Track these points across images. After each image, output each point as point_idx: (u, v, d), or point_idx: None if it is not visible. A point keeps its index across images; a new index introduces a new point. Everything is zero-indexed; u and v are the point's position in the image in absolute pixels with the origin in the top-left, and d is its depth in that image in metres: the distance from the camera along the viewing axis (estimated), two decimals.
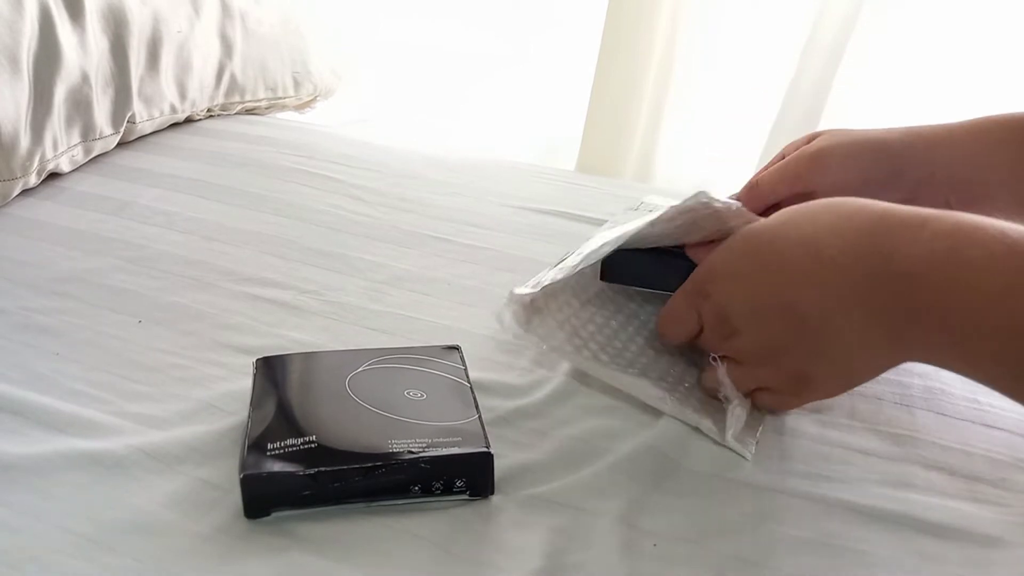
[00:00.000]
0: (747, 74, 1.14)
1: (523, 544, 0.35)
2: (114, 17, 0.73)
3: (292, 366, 0.42)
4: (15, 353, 0.46)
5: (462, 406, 0.39)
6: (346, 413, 0.38)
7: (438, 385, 0.41)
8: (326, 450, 0.36)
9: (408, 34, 1.52)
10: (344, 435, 0.37)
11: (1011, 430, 0.46)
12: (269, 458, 0.35)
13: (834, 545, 0.36)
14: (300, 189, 0.71)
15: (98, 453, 0.38)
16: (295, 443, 0.36)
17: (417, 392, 0.40)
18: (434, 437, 0.36)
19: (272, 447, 0.36)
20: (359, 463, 0.35)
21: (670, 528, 0.37)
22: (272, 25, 0.97)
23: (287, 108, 1.05)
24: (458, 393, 0.40)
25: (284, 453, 0.35)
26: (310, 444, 0.36)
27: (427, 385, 0.40)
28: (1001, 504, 0.40)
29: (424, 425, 0.37)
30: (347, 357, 0.43)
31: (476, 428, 0.38)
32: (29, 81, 0.63)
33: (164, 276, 0.55)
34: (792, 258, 0.39)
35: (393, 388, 0.40)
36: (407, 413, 0.38)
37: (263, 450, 0.35)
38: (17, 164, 0.62)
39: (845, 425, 0.45)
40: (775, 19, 1.10)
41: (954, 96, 1.09)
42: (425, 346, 0.44)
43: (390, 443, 0.36)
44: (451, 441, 0.36)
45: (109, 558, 0.33)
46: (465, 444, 0.36)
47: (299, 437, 0.36)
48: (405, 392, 0.40)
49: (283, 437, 0.36)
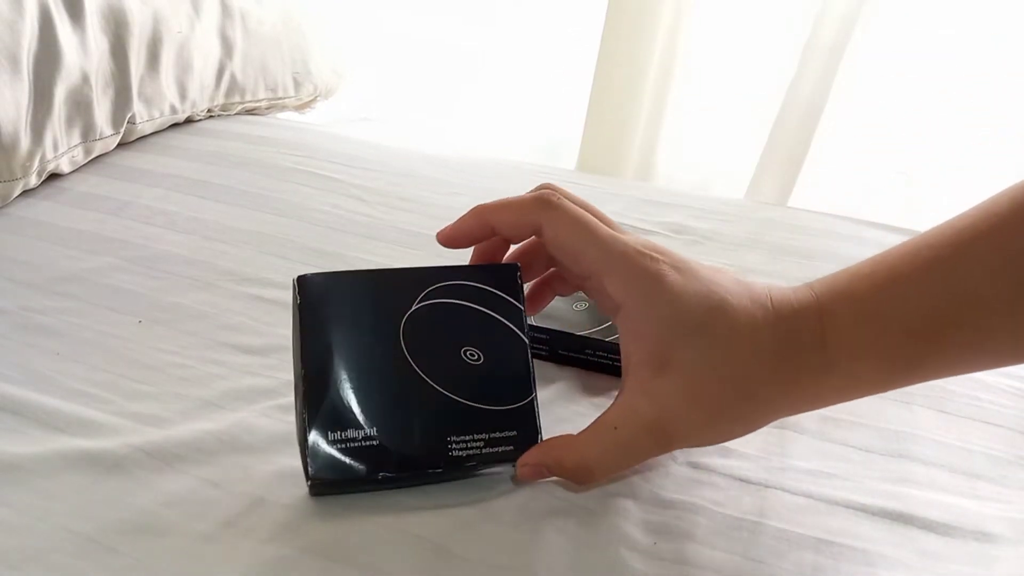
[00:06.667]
0: (747, 74, 1.14)
1: (524, 543, 0.35)
2: (114, 17, 0.73)
3: (340, 297, 0.37)
4: (15, 353, 0.46)
5: (518, 379, 0.38)
6: (405, 390, 0.37)
7: (496, 339, 0.38)
8: (387, 452, 0.36)
9: (408, 32, 1.52)
10: (405, 430, 0.36)
11: (1011, 427, 0.46)
12: (332, 451, 0.35)
13: (834, 543, 0.36)
14: (300, 189, 0.71)
15: (98, 453, 0.38)
16: (356, 436, 0.36)
17: (474, 353, 0.38)
18: (491, 432, 0.37)
19: (333, 437, 0.35)
20: (419, 469, 0.36)
21: (670, 527, 0.37)
22: (273, 25, 0.97)
23: (287, 108, 1.05)
24: (515, 355, 0.38)
25: (346, 448, 0.35)
26: (371, 442, 0.36)
27: (485, 339, 0.38)
28: (1002, 501, 0.40)
29: (481, 412, 0.37)
30: (400, 285, 0.38)
31: (530, 415, 0.38)
32: (29, 82, 0.63)
33: (164, 276, 0.55)
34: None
35: (450, 345, 0.38)
36: (465, 389, 0.37)
37: (324, 440, 0.35)
38: (17, 165, 0.62)
39: (845, 423, 0.45)
40: (775, 19, 1.10)
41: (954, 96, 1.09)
42: (482, 267, 0.40)
43: (450, 443, 0.36)
44: (506, 437, 0.37)
45: (109, 558, 0.33)
46: (519, 440, 0.37)
47: (359, 429, 0.36)
48: (463, 352, 0.38)
49: (343, 425, 0.36)
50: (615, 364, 0.47)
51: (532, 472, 0.37)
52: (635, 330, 0.36)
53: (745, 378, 0.34)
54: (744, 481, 0.40)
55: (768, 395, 0.35)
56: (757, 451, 0.42)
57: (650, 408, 0.35)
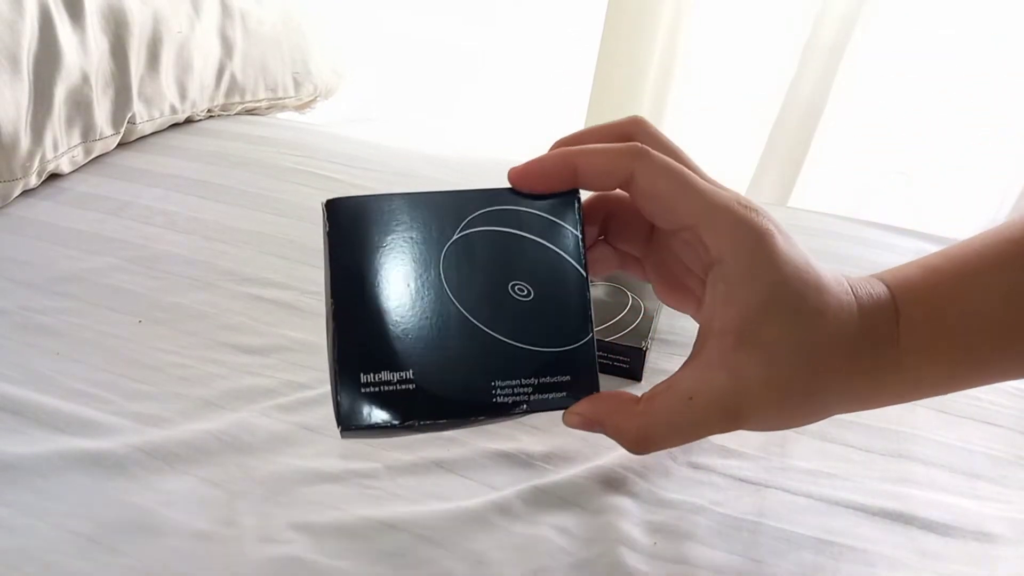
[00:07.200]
0: (747, 74, 1.14)
1: (526, 542, 0.35)
2: (114, 17, 0.73)
3: (373, 224, 0.34)
4: (15, 353, 0.46)
5: (574, 317, 0.34)
6: (444, 330, 0.33)
7: (548, 273, 0.34)
8: (424, 395, 0.32)
9: (408, 32, 1.52)
10: (444, 373, 0.33)
11: (1011, 427, 0.46)
12: (364, 396, 0.32)
13: (835, 543, 0.36)
14: (300, 189, 0.71)
15: (98, 453, 0.38)
16: (391, 380, 0.32)
17: (524, 288, 0.34)
18: (540, 376, 0.33)
19: (366, 380, 0.32)
20: (459, 416, 0.32)
21: (670, 527, 0.37)
22: (273, 25, 0.97)
23: (287, 108, 1.05)
24: (571, 290, 0.34)
25: (380, 392, 0.32)
26: (407, 386, 0.32)
27: (536, 272, 0.34)
28: (1002, 501, 0.40)
29: (531, 354, 0.33)
30: (440, 210, 0.34)
31: (587, 358, 0.33)
32: (29, 82, 0.63)
33: (164, 276, 0.55)
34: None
35: (496, 278, 0.33)
36: (512, 329, 0.33)
37: (356, 383, 0.32)
38: (17, 165, 0.62)
39: (845, 422, 0.45)
40: (775, 19, 1.10)
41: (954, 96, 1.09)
42: (538, 197, 0.35)
43: (494, 388, 0.32)
44: (559, 383, 0.33)
45: (109, 558, 0.33)
46: (574, 387, 0.33)
47: (394, 372, 0.32)
48: (510, 287, 0.34)
49: (377, 366, 0.32)
50: (615, 364, 0.47)
51: (582, 423, 0.33)
52: (729, 292, 0.32)
53: (823, 366, 0.32)
54: (744, 481, 0.40)
55: (839, 387, 0.33)
56: (757, 451, 0.42)
57: (729, 383, 0.32)
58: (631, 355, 0.47)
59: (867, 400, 0.34)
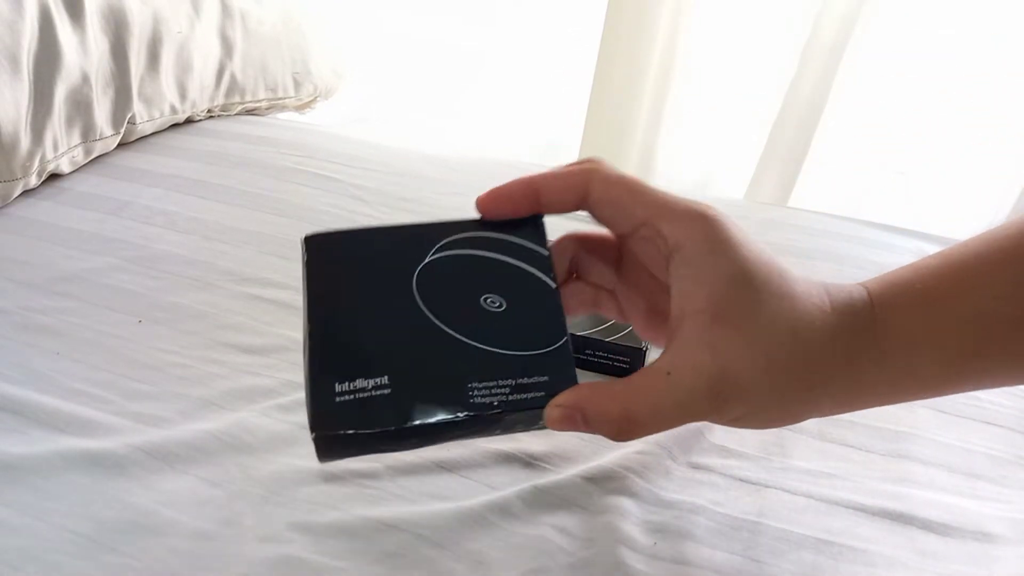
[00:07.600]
0: (747, 74, 1.14)
1: (525, 542, 0.35)
2: (114, 17, 0.73)
3: (349, 254, 0.35)
4: (15, 353, 0.46)
5: (548, 323, 0.34)
6: (419, 339, 0.33)
7: (519, 287, 0.35)
8: (401, 399, 0.32)
9: (408, 32, 1.52)
10: (420, 378, 0.32)
11: (1011, 427, 0.46)
12: (339, 405, 0.31)
13: (834, 543, 0.36)
14: (300, 189, 0.71)
15: (98, 453, 0.38)
16: (366, 386, 0.32)
17: (496, 300, 0.34)
18: (518, 378, 0.33)
19: (341, 389, 0.32)
20: (437, 417, 0.32)
21: (670, 527, 0.37)
22: (273, 25, 0.97)
23: (287, 109, 1.05)
24: (543, 300, 0.35)
25: (355, 400, 0.31)
26: (383, 391, 0.32)
27: (507, 287, 0.35)
28: (1001, 501, 0.40)
29: (506, 358, 0.33)
30: (412, 239, 0.35)
31: (563, 358, 0.33)
32: (29, 82, 0.63)
33: (164, 276, 0.55)
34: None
35: (467, 293, 0.35)
36: (486, 336, 0.34)
37: (331, 392, 0.31)
38: (17, 165, 0.62)
39: (845, 422, 0.45)
40: (775, 19, 1.10)
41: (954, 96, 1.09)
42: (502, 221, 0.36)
43: (471, 390, 0.32)
44: (536, 383, 0.33)
45: (109, 558, 0.33)
46: (551, 386, 0.33)
47: (369, 378, 0.32)
48: (482, 300, 0.34)
49: (352, 374, 0.32)
50: (615, 364, 0.47)
51: (563, 416, 0.32)
52: (694, 275, 0.32)
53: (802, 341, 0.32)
54: (744, 481, 0.40)
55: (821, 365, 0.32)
56: (757, 451, 0.42)
57: (708, 358, 0.31)
58: (631, 355, 0.47)
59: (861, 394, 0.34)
